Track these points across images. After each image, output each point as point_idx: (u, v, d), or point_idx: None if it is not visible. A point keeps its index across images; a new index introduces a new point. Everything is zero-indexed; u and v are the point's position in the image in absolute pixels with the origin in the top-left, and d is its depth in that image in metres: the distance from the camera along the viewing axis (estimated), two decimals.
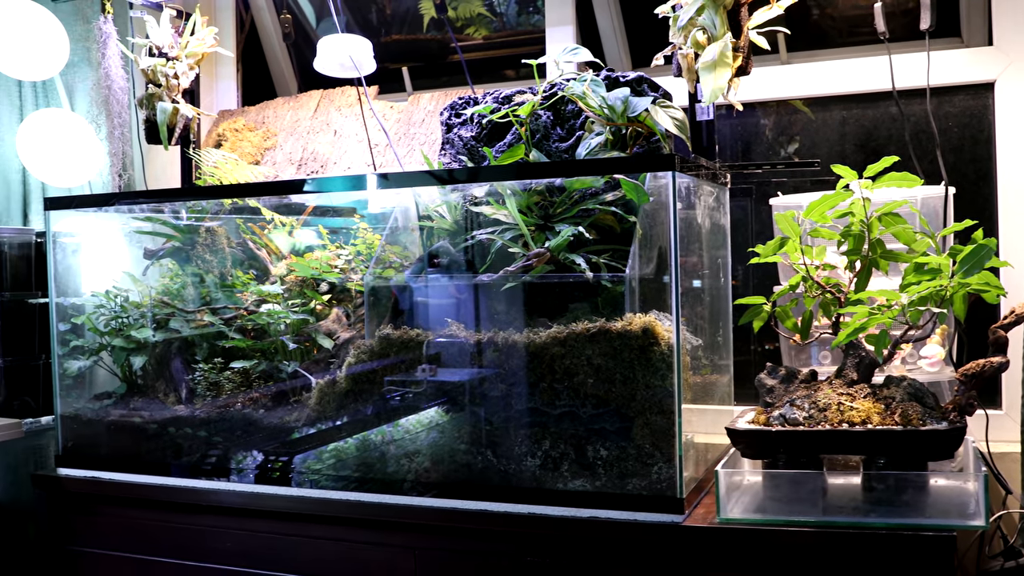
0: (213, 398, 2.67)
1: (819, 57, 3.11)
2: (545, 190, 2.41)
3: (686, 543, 2.03)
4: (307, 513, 2.39)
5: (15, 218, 3.56)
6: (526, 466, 2.20)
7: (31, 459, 3.08)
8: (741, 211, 3.03)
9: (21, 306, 3.19)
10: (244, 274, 2.84)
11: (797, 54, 3.14)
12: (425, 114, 3.15)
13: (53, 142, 3.25)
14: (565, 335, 2.19)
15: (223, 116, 3.54)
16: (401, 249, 2.60)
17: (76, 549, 2.76)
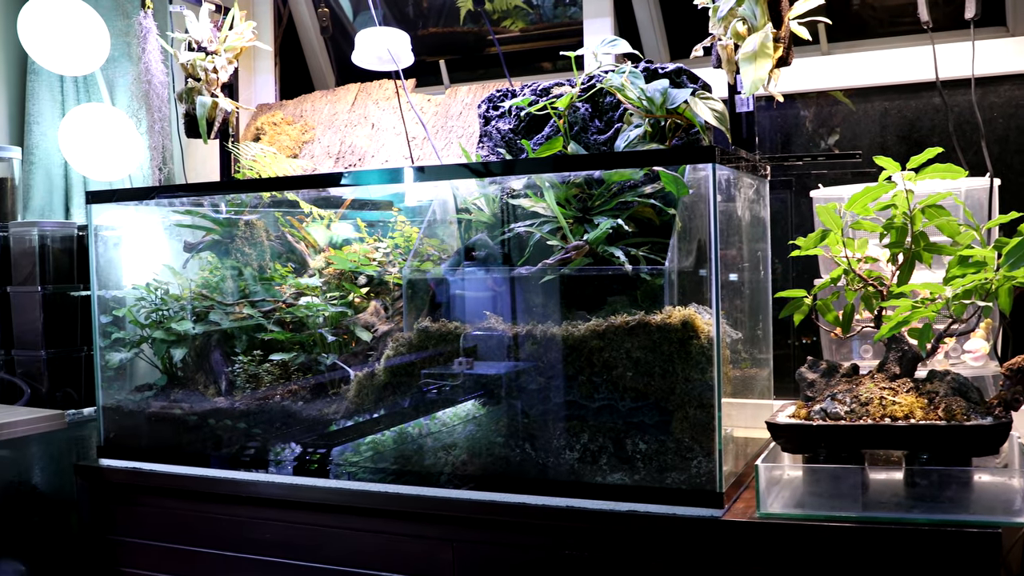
0: (252, 390, 2.68)
1: (860, 47, 3.07)
2: (584, 182, 2.40)
3: (725, 538, 2.02)
4: (345, 505, 2.40)
5: (57, 212, 3.60)
6: (564, 459, 2.20)
7: (73, 450, 3.12)
8: (780, 204, 3.00)
9: (63, 299, 3.22)
10: (283, 267, 2.86)
11: (838, 44, 3.11)
12: (462, 107, 3.15)
13: (94, 136, 3.28)
14: (604, 328, 2.18)
15: (261, 110, 3.55)
16: (439, 242, 2.61)
17: (117, 539, 2.79)
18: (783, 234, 2.97)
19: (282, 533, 2.51)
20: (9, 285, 3.24)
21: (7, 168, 3.40)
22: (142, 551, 2.75)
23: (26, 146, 3.58)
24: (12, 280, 3.23)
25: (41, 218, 3.54)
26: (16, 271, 3.21)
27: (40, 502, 3.04)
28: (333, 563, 2.44)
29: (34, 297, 3.17)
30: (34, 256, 3.17)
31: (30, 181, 3.56)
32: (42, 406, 3.13)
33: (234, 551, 2.59)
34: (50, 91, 3.62)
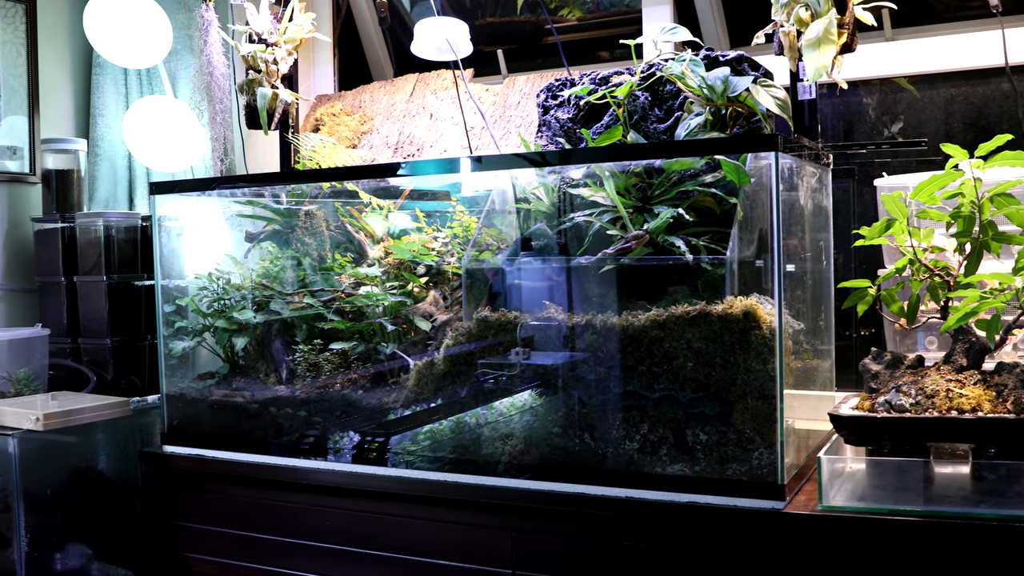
0: (312, 379, 2.71)
1: (926, 33, 3.01)
2: (643, 172, 2.38)
3: (787, 530, 1.99)
4: (405, 493, 2.42)
5: (121, 203, 3.66)
6: (624, 450, 2.19)
7: (137, 436, 3.17)
8: (842, 193, 2.96)
9: (128, 288, 3.28)
10: (342, 257, 2.88)
11: (903, 30, 3.05)
12: (521, 96, 3.14)
13: (157, 128, 3.33)
14: (664, 318, 2.16)
15: (320, 101, 3.58)
16: (498, 232, 2.61)
17: (180, 524, 2.83)
18: (844, 224, 2.93)
19: (341, 521, 2.54)
20: (76, 275, 3.30)
21: (73, 160, 3.47)
22: (204, 536, 2.79)
23: (91, 138, 3.64)
24: (79, 270, 3.29)
25: (106, 209, 3.60)
26: (82, 261, 3.28)
27: (105, 487, 3.10)
28: (392, 551, 2.46)
29: (100, 286, 3.23)
30: (99, 246, 3.23)
31: (95, 172, 3.62)
32: (107, 393, 3.19)
33: (294, 538, 2.62)
34: (114, 84, 3.68)
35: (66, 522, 2.96)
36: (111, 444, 3.13)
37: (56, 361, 3.31)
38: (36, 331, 3.25)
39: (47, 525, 2.91)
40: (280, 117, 3.17)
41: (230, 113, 3.56)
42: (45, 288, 3.38)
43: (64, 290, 3.31)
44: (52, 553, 2.93)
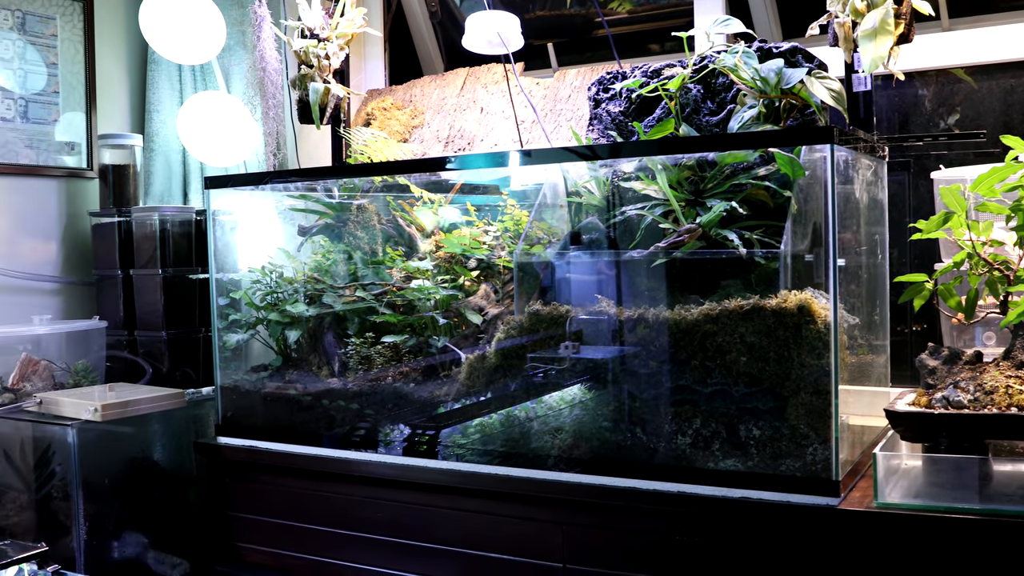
0: (364, 371, 2.73)
1: (984, 22, 2.96)
2: (696, 165, 2.37)
3: (841, 527, 1.98)
4: (456, 486, 2.43)
5: (176, 197, 3.70)
6: (676, 444, 2.18)
7: (192, 427, 3.21)
8: (897, 186, 2.92)
9: (183, 281, 3.32)
10: (393, 250, 2.89)
11: (960, 20, 3.00)
12: (571, 90, 3.13)
13: (211, 123, 3.36)
14: (717, 312, 2.15)
15: (372, 95, 3.60)
16: (549, 225, 2.60)
17: (234, 514, 2.87)
18: (899, 217, 2.89)
19: (393, 513, 2.55)
20: (132, 268, 3.35)
21: (129, 155, 3.52)
22: (257, 526, 2.83)
23: (147, 133, 3.69)
24: (135, 263, 3.34)
25: (161, 203, 3.65)
26: (138, 255, 3.33)
27: (160, 477, 3.14)
28: (443, 543, 2.47)
29: (155, 280, 3.28)
30: (155, 240, 3.28)
31: (150, 167, 3.68)
32: (162, 385, 3.23)
33: (346, 529, 2.64)
34: (169, 80, 3.72)
35: (123, 511, 3.01)
36: (166, 435, 3.17)
37: (113, 353, 3.37)
38: (94, 323, 3.31)
39: (105, 514, 2.96)
40: (332, 112, 3.19)
41: (282, 108, 3.59)
42: (102, 281, 3.43)
43: (121, 283, 3.36)
44: (110, 541, 2.98)
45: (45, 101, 3.49)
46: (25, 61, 3.42)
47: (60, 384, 3.18)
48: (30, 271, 3.42)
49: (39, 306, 3.42)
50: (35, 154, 3.45)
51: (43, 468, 3.03)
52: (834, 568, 1.99)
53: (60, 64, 3.52)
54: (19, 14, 3.39)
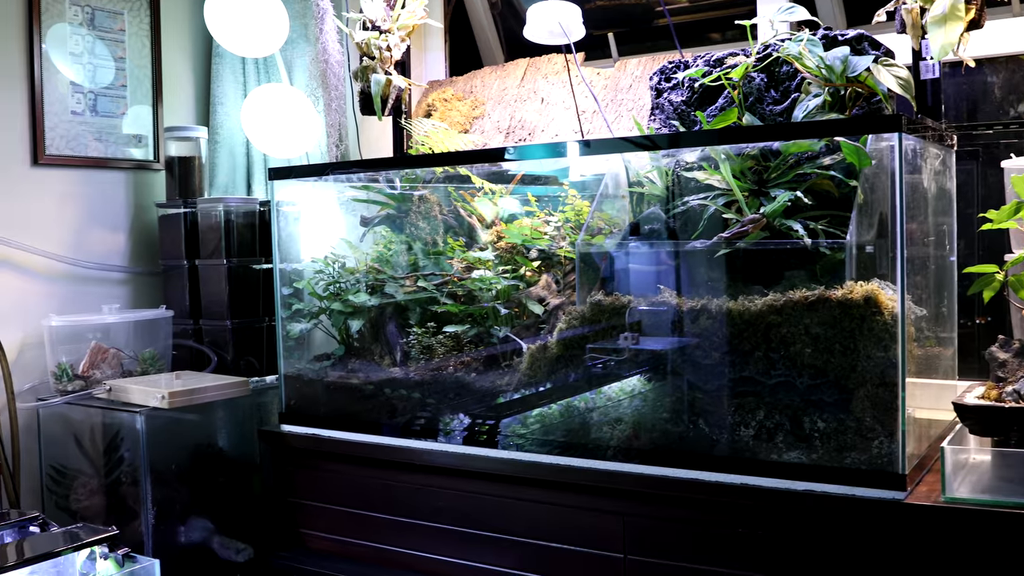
0: (426, 361, 2.75)
1: None
2: (759, 154, 2.35)
3: (908, 521, 1.95)
4: (517, 476, 2.43)
5: (240, 188, 3.76)
6: (739, 436, 2.17)
7: (255, 415, 3.26)
8: (965, 175, 2.86)
9: (246, 271, 3.37)
10: (454, 241, 2.91)
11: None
12: (632, 80, 3.12)
13: (274, 115, 3.40)
14: (782, 303, 2.13)
15: (432, 86, 3.61)
16: (610, 215, 2.60)
17: (297, 501, 2.91)
18: (967, 207, 2.83)
19: (454, 501, 2.57)
20: (198, 258, 3.41)
21: (195, 147, 3.57)
22: (320, 513, 2.86)
23: (211, 126, 3.75)
24: (200, 254, 3.39)
25: (225, 194, 3.71)
26: (204, 245, 3.38)
27: (225, 464, 3.19)
28: (504, 532, 2.48)
29: (220, 269, 3.33)
30: (220, 230, 3.33)
31: (215, 159, 3.73)
32: (227, 373, 3.29)
33: (407, 517, 2.67)
34: (233, 73, 3.77)
35: (188, 497, 3.07)
36: (231, 422, 3.22)
37: (179, 341, 3.43)
38: (160, 312, 3.37)
39: (171, 499, 3.02)
40: (393, 103, 3.21)
41: (344, 100, 3.62)
42: (169, 271, 3.50)
43: (186, 273, 3.42)
44: (176, 526, 3.04)
45: (113, 95, 3.55)
46: (94, 56, 3.49)
47: (128, 372, 3.25)
48: (99, 261, 3.49)
49: (108, 295, 3.50)
50: (104, 147, 3.52)
51: (112, 454, 3.09)
52: (899, 563, 1.96)
53: (128, 58, 3.58)
54: (88, 10, 3.46)
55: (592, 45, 3.62)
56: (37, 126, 3.31)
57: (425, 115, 3.45)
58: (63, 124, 3.39)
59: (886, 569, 1.98)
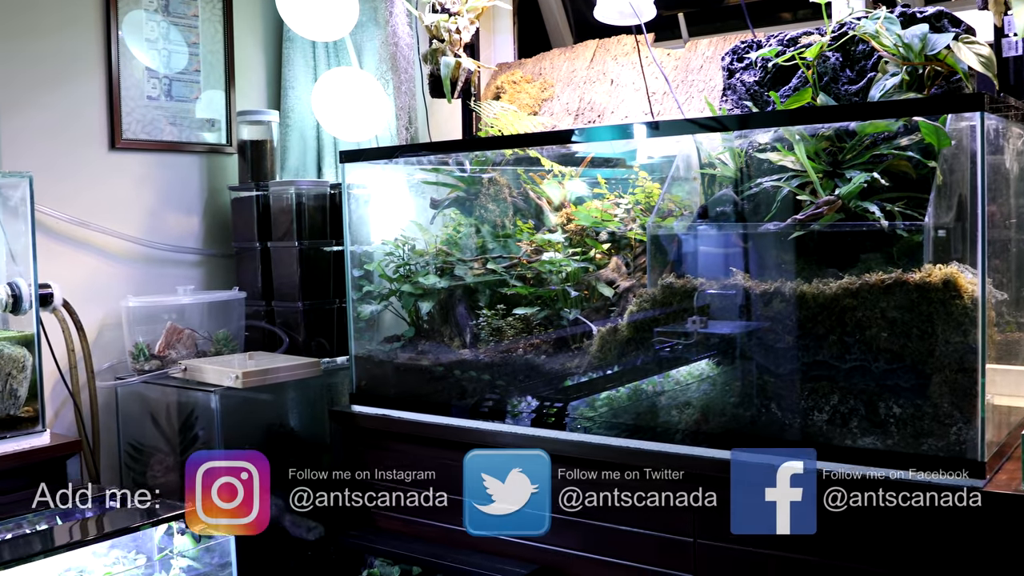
0: (495, 343, 2.75)
1: None
2: (834, 135, 2.31)
3: (987, 509, 1.91)
4: (586, 458, 2.43)
5: (310, 171, 3.80)
6: (812, 421, 2.14)
7: (326, 396, 3.30)
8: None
9: (317, 253, 3.41)
10: (524, 223, 2.91)
11: None
12: (703, 60, 3.08)
13: (344, 99, 3.43)
14: (857, 286, 2.09)
15: (501, 69, 3.61)
16: (682, 198, 2.58)
17: (367, 480, 2.93)
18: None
19: None
20: (269, 240, 3.45)
21: (266, 131, 3.62)
22: (389, 493, 2.89)
23: (282, 109, 3.79)
24: (272, 236, 3.44)
25: (296, 177, 3.75)
26: (275, 227, 3.43)
27: (296, 444, 3.24)
28: (571, 514, 2.48)
29: (292, 252, 3.38)
30: (291, 213, 3.37)
31: (286, 142, 3.77)
32: (298, 354, 3.33)
33: None
34: (303, 57, 3.81)
35: None
36: (302, 403, 3.27)
37: (251, 323, 3.48)
38: (233, 294, 3.43)
39: None
40: (463, 85, 3.22)
41: (414, 82, 3.64)
42: (241, 253, 3.55)
43: (259, 255, 3.47)
44: None
45: (187, 80, 3.61)
46: (169, 41, 3.55)
47: (202, 352, 3.31)
48: (174, 243, 3.56)
49: (182, 277, 3.56)
50: (178, 131, 3.58)
51: (187, 432, 3.16)
52: (977, 551, 1.93)
53: (201, 44, 3.64)
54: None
55: (662, 26, 3.58)
56: (114, 111, 3.38)
57: (494, 97, 3.45)
58: (139, 109, 3.46)
59: (963, 558, 1.94)
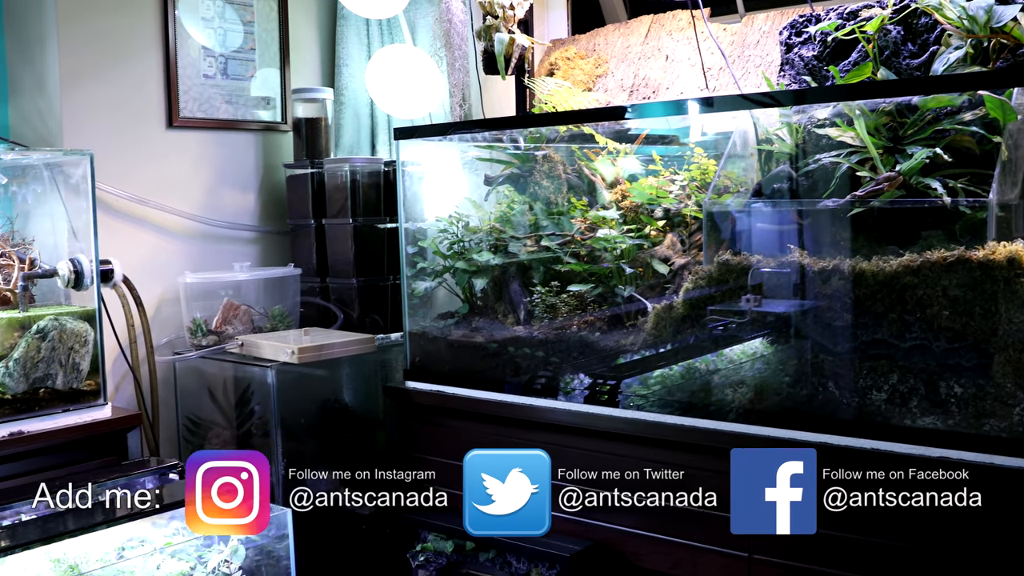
0: (549, 320, 2.75)
1: None
2: (895, 111, 2.27)
3: None
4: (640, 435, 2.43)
5: (364, 148, 3.81)
6: (870, 400, 2.12)
7: (379, 372, 3.33)
8: None
9: (371, 230, 3.43)
10: (577, 200, 2.90)
11: None
12: (760, 35, 3.04)
13: (398, 76, 3.43)
14: (919, 264, 2.06)
15: (555, 45, 3.59)
16: (738, 174, 2.55)
17: (420, 456, 2.95)
18: None
19: (575, 459, 2.57)
20: (324, 217, 3.48)
21: (321, 108, 3.63)
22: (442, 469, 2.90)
23: (337, 87, 3.80)
24: (327, 213, 3.46)
25: (350, 155, 3.77)
26: (330, 204, 3.45)
27: (350, 419, 3.27)
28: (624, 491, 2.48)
29: (346, 229, 3.40)
30: (346, 190, 3.39)
31: (340, 120, 3.79)
32: (352, 330, 3.36)
33: None
34: (357, 35, 3.82)
35: (316, 450, 3.16)
36: (356, 378, 3.30)
37: (306, 299, 3.51)
38: (289, 270, 3.46)
39: (299, 451, 3.11)
40: (516, 62, 3.21)
41: (468, 59, 3.63)
42: (296, 230, 3.58)
43: (313, 232, 3.50)
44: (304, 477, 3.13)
45: (242, 58, 3.64)
46: (224, 20, 3.57)
47: (258, 328, 3.35)
48: (230, 220, 3.59)
49: (238, 254, 3.60)
50: (233, 109, 3.61)
51: (244, 406, 3.20)
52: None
53: (256, 22, 3.66)
54: None
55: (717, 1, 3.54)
56: (172, 90, 3.42)
57: (547, 74, 3.44)
58: (196, 87, 3.49)
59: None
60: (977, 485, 1.96)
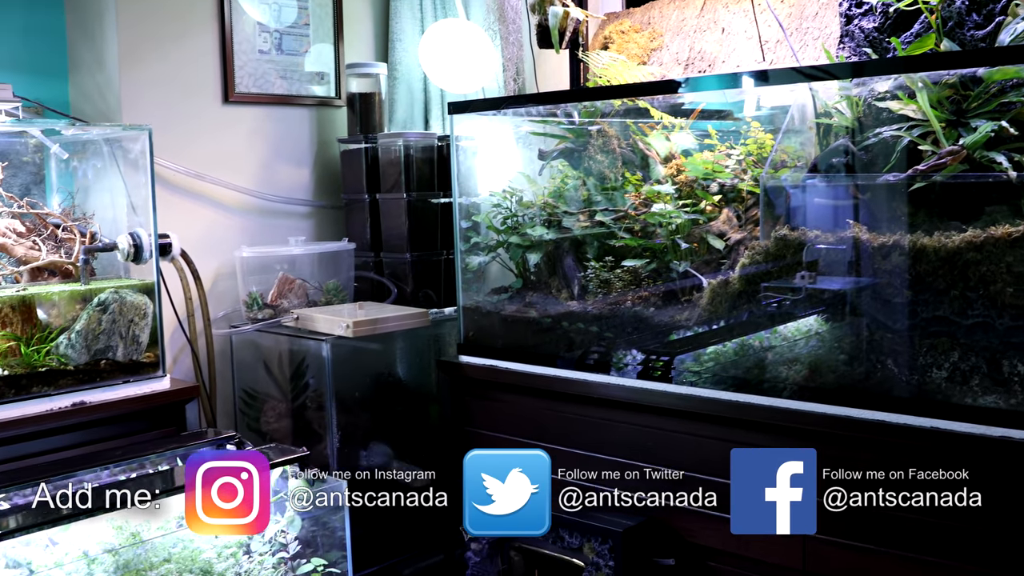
0: (603, 295, 2.75)
1: None
2: (958, 83, 2.22)
3: None
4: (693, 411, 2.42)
5: (417, 123, 3.82)
6: (930, 378, 2.09)
7: (432, 347, 3.34)
8: None
9: (425, 205, 3.43)
10: (632, 175, 2.88)
11: None
12: (819, 6, 2.99)
13: (451, 51, 3.43)
14: (982, 240, 2.02)
15: (609, 18, 3.56)
16: (796, 148, 2.52)
17: (473, 430, 2.97)
18: None
19: (628, 434, 2.58)
20: (378, 192, 3.49)
21: (375, 83, 3.64)
22: (495, 443, 2.92)
23: (390, 62, 3.81)
24: (381, 188, 3.48)
25: (404, 129, 3.77)
26: (384, 179, 3.46)
27: (403, 393, 3.29)
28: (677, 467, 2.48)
29: (400, 203, 3.41)
30: (399, 165, 3.40)
31: (394, 95, 3.79)
32: (406, 305, 3.38)
33: (581, 448, 2.69)
34: (411, 9, 3.81)
35: (370, 423, 3.19)
36: (410, 352, 3.32)
37: (360, 273, 3.54)
38: (343, 245, 3.48)
39: (354, 424, 3.15)
40: (570, 36, 3.19)
41: (522, 33, 3.61)
42: (350, 205, 3.60)
43: (367, 207, 3.52)
44: (358, 450, 3.17)
45: (297, 34, 3.65)
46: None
47: (313, 302, 3.38)
48: (285, 195, 3.62)
49: (293, 228, 3.63)
50: (288, 84, 3.63)
51: (299, 380, 3.24)
52: None
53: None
54: None
55: None
56: (227, 65, 3.44)
57: (602, 48, 3.41)
58: (251, 63, 3.51)
59: None
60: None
